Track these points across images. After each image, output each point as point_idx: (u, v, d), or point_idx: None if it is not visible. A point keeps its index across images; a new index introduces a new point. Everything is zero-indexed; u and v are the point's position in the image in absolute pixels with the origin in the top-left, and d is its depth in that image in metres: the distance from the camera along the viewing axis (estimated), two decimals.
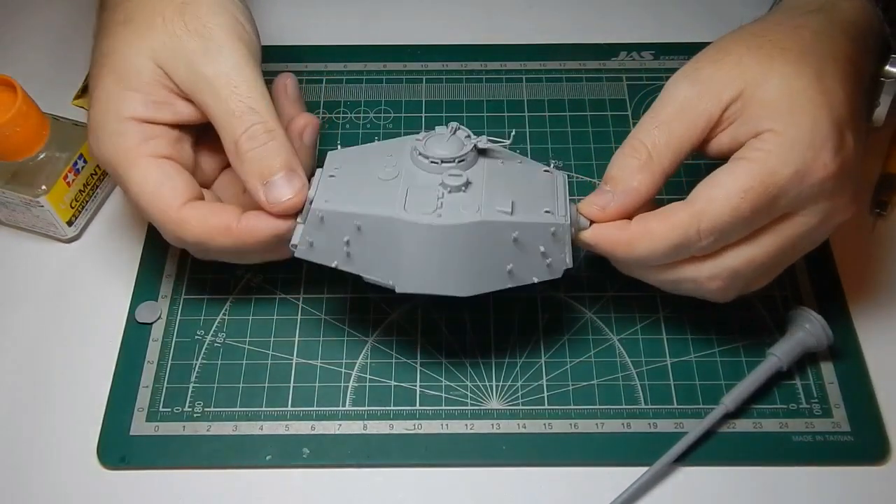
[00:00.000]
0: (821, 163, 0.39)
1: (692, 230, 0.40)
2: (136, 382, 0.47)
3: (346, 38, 0.63)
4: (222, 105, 0.42)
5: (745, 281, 0.42)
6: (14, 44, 0.63)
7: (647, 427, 0.46)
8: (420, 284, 0.41)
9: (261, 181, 0.42)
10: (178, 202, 0.43)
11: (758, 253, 0.41)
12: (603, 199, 0.42)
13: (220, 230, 0.43)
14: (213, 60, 0.42)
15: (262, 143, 0.42)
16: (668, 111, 0.41)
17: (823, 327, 0.45)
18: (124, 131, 0.43)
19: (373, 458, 0.45)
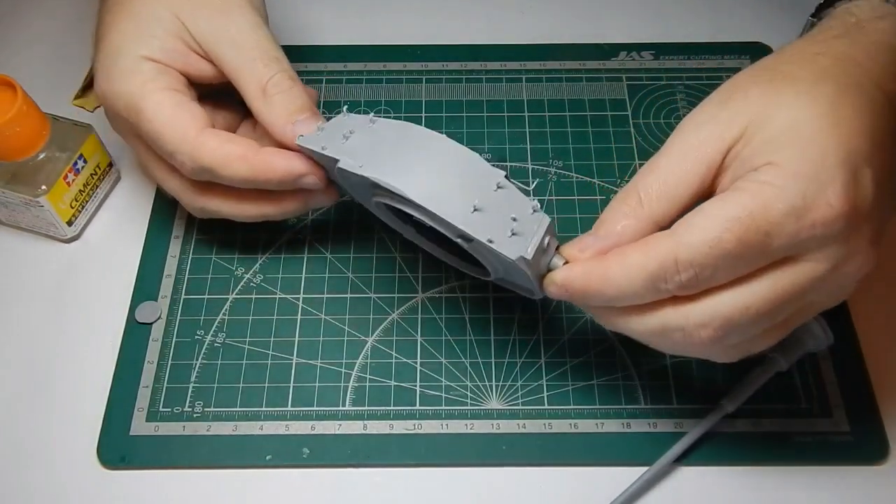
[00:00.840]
0: (824, 201, 0.34)
1: (669, 259, 0.35)
2: (136, 382, 0.47)
3: (346, 38, 0.63)
4: (246, 55, 0.45)
5: (742, 334, 0.37)
6: (14, 44, 0.63)
7: (647, 427, 0.46)
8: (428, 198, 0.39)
9: (289, 120, 0.44)
10: (195, 127, 0.44)
11: (753, 300, 0.35)
12: (585, 241, 0.39)
13: (238, 156, 0.44)
14: (233, 16, 0.46)
15: (288, 88, 0.45)
16: (667, 159, 0.38)
17: (823, 327, 0.45)
18: (139, 69, 0.45)
19: (373, 458, 0.45)
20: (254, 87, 0.45)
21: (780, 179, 0.34)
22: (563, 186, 0.55)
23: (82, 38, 0.62)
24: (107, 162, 0.54)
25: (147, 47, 0.45)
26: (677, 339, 0.37)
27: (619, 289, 0.37)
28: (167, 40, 0.45)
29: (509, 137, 0.57)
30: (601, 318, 0.40)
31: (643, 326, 0.38)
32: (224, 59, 0.45)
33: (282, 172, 0.44)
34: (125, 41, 0.45)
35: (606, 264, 0.37)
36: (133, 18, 0.46)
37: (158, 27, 0.45)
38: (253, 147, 0.44)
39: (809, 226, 0.34)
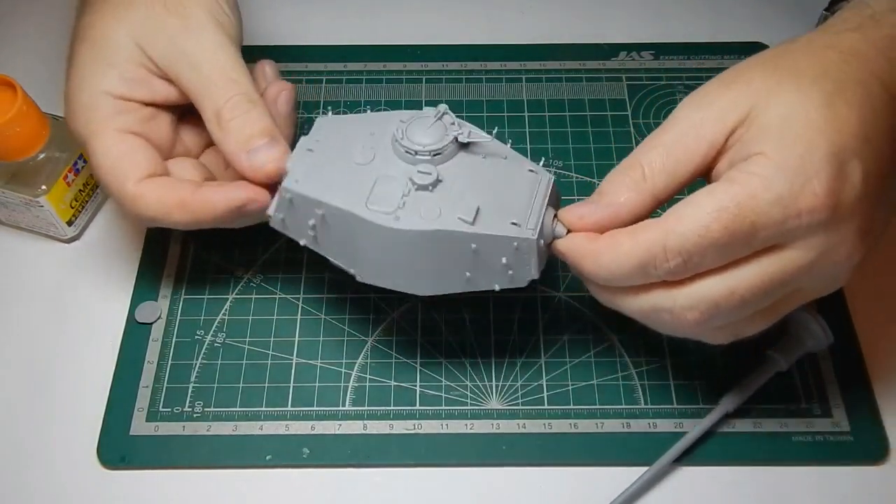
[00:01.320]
0: (809, 191, 0.35)
1: (658, 247, 0.36)
2: (136, 382, 0.47)
3: (346, 38, 0.63)
4: (203, 77, 0.43)
5: (728, 318, 0.38)
6: (14, 44, 0.63)
7: (647, 427, 0.46)
8: (379, 278, 0.42)
9: (244, 149, 0.42)
10: (135, 177, 0.43)
11: (738, 285, 0.37)
12: (583, 209, 0.40)
13: (175, 204, 0.42)
14: (193, 36, 0.43)
15: (244, 112, 0.43)
16: (671, 133, 0.39)
17: (823, 327, 0.45)
18: (96, 104, 0.43)
19: (373, 458, 0.45)
20: (210, 111, 0.43)
21: (768, 170, 0.36)
22: (563, 186, 0.55)
23: None
24: None
25: (106, 80, 0.44)
26: (666, 319, 0.39)
27: (610, 273, 0.38)
28: (127, 68, 0.44)
29: (509, 137, 0.57)
30: (596, 293, 0.41)
31: (634, 306, 0.39)
32: (183, 81, 0.44)
33: (222, 209, 0.42)
34: (85, 74, 0.44)
35: (598, 248, 0.38)
36: (92, 47, 0.44)
37: (117, 55, 0.44)
38: (190, 189, 0.43)
39: (795, 215, 0.35)
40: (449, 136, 0.41)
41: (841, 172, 0.35)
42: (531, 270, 0.41)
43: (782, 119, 0.36)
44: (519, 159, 0.43)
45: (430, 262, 0.40)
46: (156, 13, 0.44)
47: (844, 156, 0.36)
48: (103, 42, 0.44)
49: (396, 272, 0.41)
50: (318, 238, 0.42)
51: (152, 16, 0.44)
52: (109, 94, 0.44)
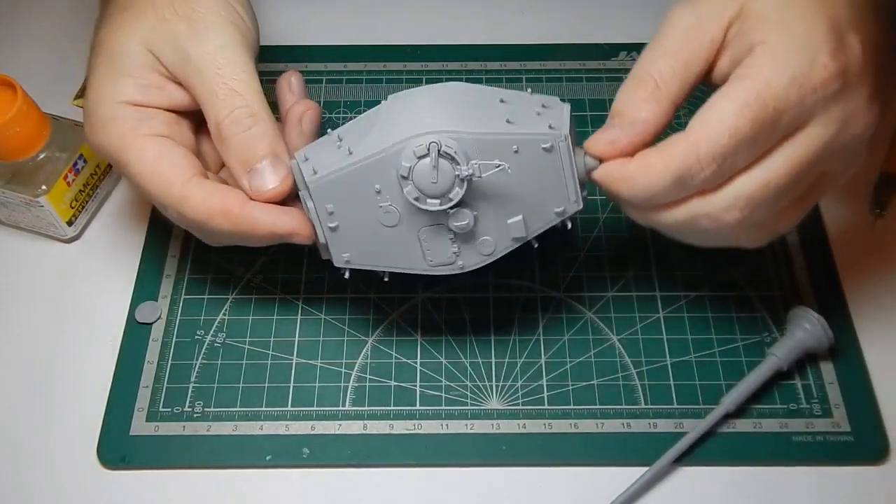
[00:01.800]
0: (819, 64, 0.36)
1: (691, 158, 0.37)
2: (136, 382, 0.47)
3: (346, 38, 0.63)
4: (207, 86, 0.42)
5: (767, 212, 0.39)
6: (14, 44, 0.63)
7: (647, 427, 0.46)
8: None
9: (244, 168, 0.42)
10: (180, 178, 0.42)
11: (772, 175, 0.38)
12: (612, 134, 0.40)
13: (221, 212, 0.41)
14: (198, 41, 0.42)
15: (245, 128, 0.42)
16: (672, 39, 0.39)
17: (823, 327, 0.45)
18: (119, 115, 0.43)
19: (373, 458, 0.45)
20: (211, 122, 0.42)
21: (775, 56, 0.37)
22: None
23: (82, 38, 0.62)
24: (107, 162, 0.54)
25: (123, 90, 0.43)
26: (706, 225, 0.39)
27: (647, 193, 0.39)
28: (141, 75, 0.43)
29: None
30: (632, 215, 0.42)
31: (673, 219, 0.40)
32: (191, 88, 0.43)
33: (264, 231, 0.42)
34: (102, 86, 0.43)
35: (631, 172, 0.39)
36: (107, 58, 0.43)
37: (131, 63, 0.43)
38: (239, 200, 0.42)
39: (811, 90, 0.36)
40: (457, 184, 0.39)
41: (842, 44, 0.37)
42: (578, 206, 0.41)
43: (774, 4, 0.38)
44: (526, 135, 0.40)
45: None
46: (165, 18, 0.43)
47: (842, 28, 0.37)
48: (116, 53, 0.43)
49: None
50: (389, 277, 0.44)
51: (161, 21, 0.43)
52: (128, 102, 0.43)
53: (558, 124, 0.40)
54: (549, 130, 0.40)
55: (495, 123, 0.40)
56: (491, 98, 0.41)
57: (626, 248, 0.52)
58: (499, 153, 0.39)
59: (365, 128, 0.41)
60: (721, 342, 0.48)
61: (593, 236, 0.52)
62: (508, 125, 0.39)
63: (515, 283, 0.51)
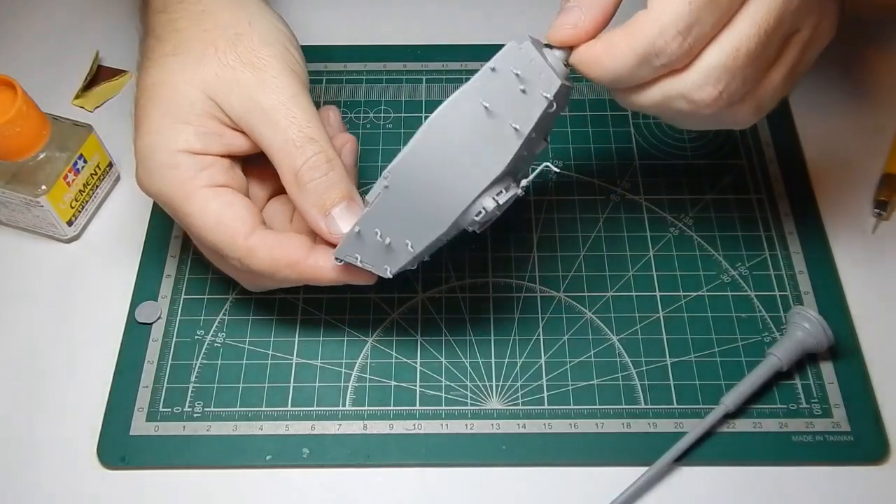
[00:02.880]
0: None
1: (655, 33, 0.36)
2: (136, 382, 0.47)
3: (346, 38, 0.63)
4: (281, 135, 0.42)
5: (742, 82, 0.38)
6: (14, 44, 0.63)
7: (647, 427, 0.46)
8: None
9: (322, 212, 0.42)
10: (244, 230, 0.42)
11: (739, 40, 0.36)
12: (573, 16, 0.39)
13: (287, 263, 0.42)
14: (269, 91, 0.42)
15: (323, 174, 0.42)
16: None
17: (823, 327, 0.45)
18: (177, 164, 0.42)
19: (373, 458, 0.45)
20: (287, 171, 0.42)
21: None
22: (563, 186, 0.55)
23: (82, 38, 0.63)
24: (107, 162, 0.54)
25: (182, 139, 0.42)
26: (683, 107, 0.38)
27: (615, 73, 0.38)
28: (200, 124, 0.43)
29: None
30: (614, 97, 0.41)
31: (649, 100, 0.39)
32: (259, 136, 0.43)
33: (330, 280, 0.43)
34: (159, 133, 0.43)
35: (597, 53, 0.38)
36: (163, 104, 0.43)
37: (191, 111, 0.42)
38: (303, 250, 0.42)
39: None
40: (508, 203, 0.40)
41: None
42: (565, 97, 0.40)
43: None
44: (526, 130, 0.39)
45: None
46: (229, 66, 0.42)
47: None
48: (175, 99, 0.43)
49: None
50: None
51: (225, 69, 0.42)
52: (188, 151, 0.43)
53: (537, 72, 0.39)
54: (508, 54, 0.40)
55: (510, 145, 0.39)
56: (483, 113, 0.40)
57: (626, 248, 0.52)
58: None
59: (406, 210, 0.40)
60: (721, 342, 0.48)
61: (593, 236, 0.52)
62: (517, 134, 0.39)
63: (515, 283, 0.51)
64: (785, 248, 0.52)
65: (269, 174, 0.45)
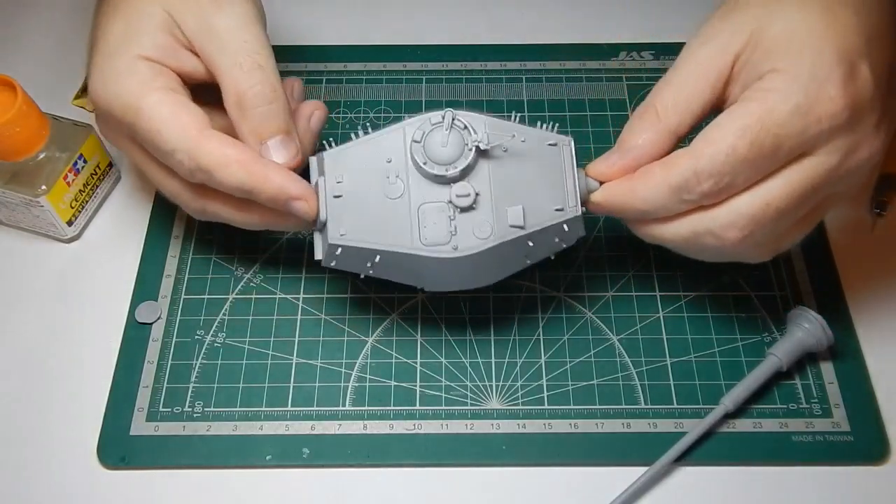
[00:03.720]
0: (826, 96, 0.37)
1: (689, 171, 0.39)
2: (136, 382, 0.47)
3: (346, 38, 0.63)
4: (230, 58, 0.43)
5: (767, 231, 0.40)
6: (14, 44, 0.63)
7: (647, 427, 0.46)
8: (446, 287, 0.44)
9: (258, 140, 0.43)
10: (197, 125, 0.43)
11: (772, 197, 0.38)
12: (611, 158, 0.42)
13: (236, 160, 0.42)
14: (224, 14, 0.43)
15: (266, 103, 0.43)
16: (679, 72, 0.41)
17: (823, 327, 0.45)
18: (135, 69, 0.43)
19: (373, 458, 0.45)
20: (231, 94, 0.43)
21: (782, 84, 0.37)
22: None
23: (82, 38, 0.62)
24: (107, 162, 0.54)
25: (140, 45, 0.44)
26: (709, 242, 0.40)
27: (647, 202, 0.40)
28: (158, 36, 0.44)
29: None
30: (638, 230, 0.43)
31: (675, 233, 0.41)
32: (209, 58, 0.44)
33: (274, 189, 0.42)
34: (118, 41, 0.44)
35: (634, 183, 0.41)
36: (124, 17, 0.45)
37: (149, 24, 0.44)
38: (253, 155, 0.43)
39: (815, 121, 0.37)
40: (469, 146, 0.41)
41: (852, 73, 0.37)
42: (579, 231, 0.43)
43: (787, 33, 0.38)
44: (533, 135, 0.43)
45: (494, 264, 0.43)
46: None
47: (852, 57, 0.37)
48: (135, 14, 0.44)
49: (463, 279, 0.44)
50: (376, 271, 0.43)
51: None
52: (145, 58, 0.44)
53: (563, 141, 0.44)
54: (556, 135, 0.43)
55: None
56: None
57: (626, 248, 0.52)
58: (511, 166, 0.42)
59: None
60: (721, 342, 0.48)
61: (593, 236, 0.52)
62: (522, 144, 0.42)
63: (515, 283, 0.51)
64: None
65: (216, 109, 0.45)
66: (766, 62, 0.38)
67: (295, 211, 0.43)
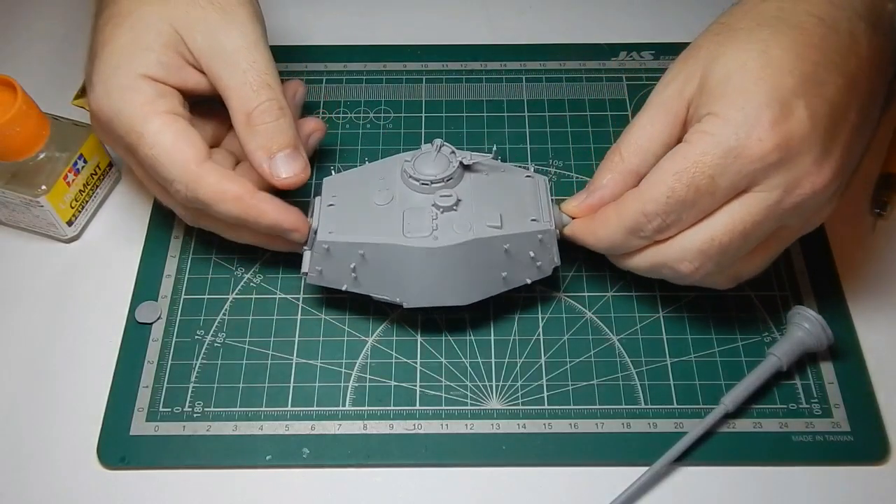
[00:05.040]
0: (755, 138, 0.39)
1: (638, 214, 0.41)
2: (136, 382, 0.47)
3: (346, 38, 0.63)
4: (239, 77, 0.44)
5: (718, 263, 0.42)
6: (14, 44, 0.63)
7: (647, 427, 0.46)
8: (426, 299, 0.45)
9: (267, 154, 0.45)
10: (197, 157, 0.44)
11: (714, 232, 0.41)
12: (580, 197, 0.45)
13: (233, 196, 0.44)
14: (234, 34, 0.45)
15: (274, 119, 0.45)
16: (643, 116, 0.44)
17: (823, 327, 0.45)
18: (138, 87, 0.44)
19: (373, 458, 0.45)
20: (241, 112, 0.45)
21: (716, 127, 0.39)
22: (563, 186, 0.55)
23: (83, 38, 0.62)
24: (107, 162, 0.54)
25: (144, 63, 0.44)
26: (668, 273, 0.43)
27: (608, 243, 0.44)
28: (163, 53, 0.45)
29: (509, 137, 0.57)
30: (612, 260, 0.46)
31: (639, 265, 0.44)
32: (217, 76, 0.45)
33: (270, 221, 0.45)
34: (122, 56, 0.45)
35: (595, 225, 0.44)
36: (131, 30, 0.45)
37: (155, 40, 0.45)
38: (249, 190, 0.44)
39: (748, 162, 0.39)
40: (455, 162, 0.46)
41: (783, 114, 0.39)
42: (554, 258, 0.46)
43: (724, 76, 0.40)
44: (514, 169, 0.49)
45: (471, 271, 0.45)
46: (199, 5, 0.45)
47: (785, 97, 0.39)
48: (142, 27, 0.45)
49: (442, 289, 0.45)
50: (359, 279, 0.45)
51: (195, 7, 0.45)
52: (149, 77, 0.44)
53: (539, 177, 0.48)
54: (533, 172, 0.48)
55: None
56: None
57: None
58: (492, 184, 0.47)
59: None
60: (721, 342, 0.48)
61: None
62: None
63: None
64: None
65: (214, 122, 0.49)
66: (706, 106, 0.40)
67: (288, 239, 0.46)
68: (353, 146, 0.57)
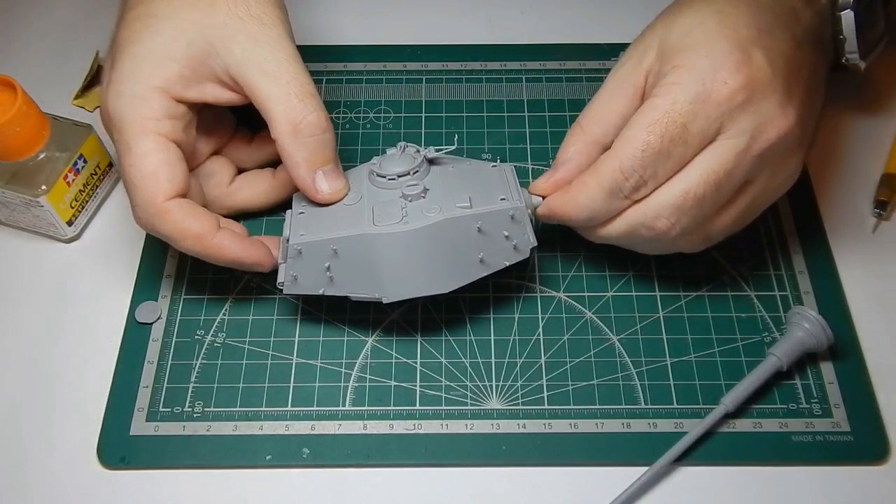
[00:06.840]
0: (720, 80, 0.40)
1: (616, 172, 0.42)
2: (136, 382, 0.48)
3: (346, 38, 0.63)
4: (283, 88, 0.44)
5: (694, 218, 0.43)
6: (14, 44, 0.63)
7: (647, 427, 0.46)
8: (404, 291, 0.45)
9: (311, 168, 0.45)
10: (167, 193, 0.44)
11: (691, 183, 0.41)
12: (548, 174, 0.46)
13: (193, 235, 0.44)
14: (275, 46, 0.44)
15: (321, 132, 0.45)
16: (600, 91, 0.45)
17: (823, 327, 0.45)
18: (149, 99, 0.44)
19: (373, 458, 0.45)
20: (285, 122, 0.44)
21: (682, 76, 0.41)
22: None
23: (82, 38, 0.63)
24: (107, 162, 0.54)
25: (164, 74, 0.44)
26: (645, 234, 0.44)
27: (588, 209, 0.44)
28: (187, 66, 0.44)
29: (509, 137, 0.57)
30: (585, 233, 0.47)
31: (616, 231, 0.45)
32: (256, 86, 0.44)
33: (230, 258, 0.45)
34: (144, 62, 0.44)
35: (572, 194, 0.44)
36: (159, 35, 0.44)
37: (183, 51, 0.44)
38: (212, 228, 0.45)
39: (715, 105, 0.40)
40: (419, 157, 0.47)
41: (744, 59, 0.41)
42: (529, 238, 0.45)
43: (684, 35, 0.42)
44: (478, 161, 0.49)
45: (446, 255, 0.44)
46: (238, 17, 0.44)
47: (744, 45, 0.41)
48: (172, 34, 0.44)
49: (418, 278, 0.44)
50: (334, 279, 0.45)
51: (235, 19, 0.44)
52: (164, 91, 0.44)
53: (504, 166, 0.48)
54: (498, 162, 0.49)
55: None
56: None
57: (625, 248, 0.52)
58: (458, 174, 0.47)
59: None
60: (721, 342, 0.48)
61: None
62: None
63: (515, 283, 0.51)
64: (785, 247, 0.52)
65: (217, 132, 0.49)
66: (669, 62, 0.42)
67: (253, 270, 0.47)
68: (353, 146, 0.57)
